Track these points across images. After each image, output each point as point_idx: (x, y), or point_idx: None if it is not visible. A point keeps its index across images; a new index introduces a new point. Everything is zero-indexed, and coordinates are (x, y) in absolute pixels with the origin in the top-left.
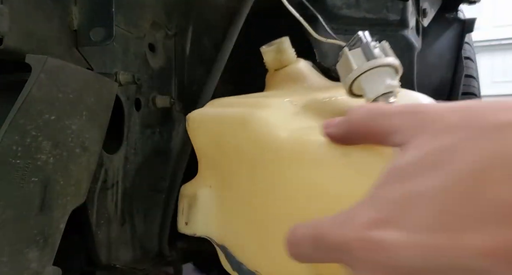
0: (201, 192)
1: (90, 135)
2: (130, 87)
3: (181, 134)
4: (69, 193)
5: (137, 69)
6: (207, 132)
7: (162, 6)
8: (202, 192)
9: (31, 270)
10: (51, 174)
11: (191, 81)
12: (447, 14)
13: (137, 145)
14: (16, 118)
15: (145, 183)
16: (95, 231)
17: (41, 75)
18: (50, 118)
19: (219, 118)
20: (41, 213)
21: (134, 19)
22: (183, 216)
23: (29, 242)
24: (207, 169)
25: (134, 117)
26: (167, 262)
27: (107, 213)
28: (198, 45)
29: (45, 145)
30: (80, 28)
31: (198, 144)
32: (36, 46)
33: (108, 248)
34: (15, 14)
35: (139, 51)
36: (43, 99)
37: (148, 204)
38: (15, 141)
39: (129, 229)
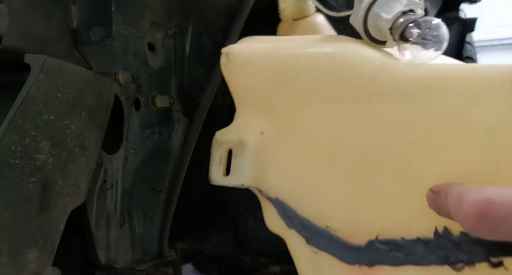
0: (250, 139)
1: (89, 135)
2: (130, 87)
3: (181, 134)
4: (68, 193)
5: (136, 69)
6: (265, 70)
7: (162, 5)
8: (251, 138)
9: (30, 271)
10: (50, 174)
11: (191, 81)
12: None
13: (137, 145)
14: (15, 118)
15: (145, 183)
16: (95, 231)
17: (40, 75)
18: (49, 118)
19: (292, 54)
20: (41, 214)
21: (134, 18)
22: (221, 166)
23: (28, 242)
24: (257, 113)
25: (133, 117)
26: (166, 262)
27: (107, 213)
28: (198, 44)
29: (44, 145)
30: (80, 28)
31: (244, 84)
32: (35, 45)
33: (107, 248)
34: (14, 13)
35: (138, 50)
36: (42, 98)
37: (148, 204)
38: (14, 141)
39: (128, 229)
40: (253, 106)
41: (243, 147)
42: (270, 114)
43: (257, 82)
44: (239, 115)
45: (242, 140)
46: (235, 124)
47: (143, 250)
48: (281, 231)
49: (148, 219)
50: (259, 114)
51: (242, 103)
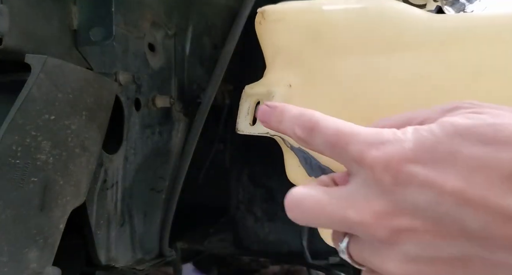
0: (278, 90)
1: (89, 135)
2: (130, 87)
3: (181, 134)
4: (68, 193)
5: (137, 69)
6: (298, 26)
7: (162, 6)
8: (279, 90)
9: (30, 270)
10: (51, 174)
11: (191, 81)
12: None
13: (137, 145)
14: (15, 118)
15: (145, 183)
16: (95, 231)
17: (41, 75)
18: (49, 118)
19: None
20: (41, 213)
21: (134, 19)
22: (248, 116)
23: (28, 242)
24: (287, 67)
25: (134, 117)
26: (167, 262)
27: (107, 213)
28: (198, 45)
29: (45, 145)
30: (80, 28)
31: (277, 41)
32: (35, 46)
33: (107, 248)
34: (15, 14)
35: (139, 51)
36: (43, 99)
37: (148, 204)
38: (14, 141)
39: (128, 229)
40: (283, 61)
41: (270, 98)
42: (300, 68)
43: (290, 38)
44: (269, 71)
45: (270, 91)
46: (264, 79)
47: (143, 250)
48: (300, 179)
49: (148, 219)
50: (289, 68)
51: (273, 59)
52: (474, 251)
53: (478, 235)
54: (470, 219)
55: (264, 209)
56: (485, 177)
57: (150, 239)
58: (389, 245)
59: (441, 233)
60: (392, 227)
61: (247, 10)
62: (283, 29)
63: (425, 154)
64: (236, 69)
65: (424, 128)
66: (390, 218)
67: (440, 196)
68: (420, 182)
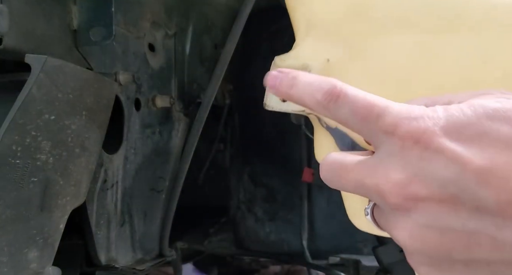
0: (314, 65)
1: (90, 135)
2: (130, 87)
3: (181, 134)
4: (68, 193)
5: (137, 69)
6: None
7: (162, 5)
8: (316, 64)
9: (31, 270)
10: (51, 174)
11: (191, 81)
12: None
13: (137, 145)
14: (15, 118)
15: (145, 183)
16: (95, 231)
17: (41, 75)
18: (49, 118)
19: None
20: (41, 213)
21: (134, 18)
22: None
23: (29, 242)
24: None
25: (134, 117)
26: (167, 262)
27: (107, 213)
28: (198, 45)
29: (45, 145)
30: (80, 28)
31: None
32: (35, 45)
33: (107, 248)
34: (15, 14)
35: (139, 51)
36: (43, 99)
37: (148, 204)
38: (14, 141)
39: (128, 229)
40: (320, 34)
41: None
42: (340, 43)
43: (330, 10)
44: (300, 43)
45: (306, 65)
46: (295, 52)
47: (143, 250)
48: None
49: (148, 219)
50: (327, 42)
51: (307, 31)
52: (484, 228)
53: (492, 213)
54: (487, 198)
55: (265, 209)
56: (509, 160)
57: (150, 239)
58: (402, 212)
59: (456, 207)
60: (407, 195)
61: (247, 9)
62: (325, 3)
63: (455, 132)
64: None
65: (454, 107)
66: (406, 186)
67: (464, 172)
68: (447, 156)
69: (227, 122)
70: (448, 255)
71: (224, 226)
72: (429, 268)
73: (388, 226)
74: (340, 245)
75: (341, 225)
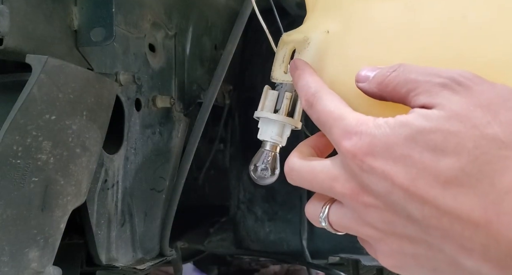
0: (315, 36)
1: (90, 135)
2: (130, 87)
3: (181, 134)
4: (69, 193)
5: (137, 69)
6: None
7: (162, 6)
8: (316, 36)
9: (31, 270)
10: (52, 174)
11: (191, 81)
12: None
13: (137, 145)
14: (16, 118)
15: (145, 183)
16: (95, 231)
17: (42, 75)
18: (50, 118)
19: None
20: (42, 213)
21: (134, 19)
22: (283, 64)
23: (29, 242)
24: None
25: (134, 117)
26: (167, 262)
27: (107, 213)
28: (199, 45)
29: (46, 145)
30: (81, 28)
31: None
32: (36, 46)
33: (108, 247)
34: (16, 14)
35: (139, 51)
36: (44, 99)
37: (149, 204)
38: (15, 141)
39: (129, 229)
40: (323, 7)
41: (307, 44)
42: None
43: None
44: (308, 19)
45: (307, 37)
46: (302, 26)
47: (143, 250)
48: None
49: (148, 218)
50: (328, 15)
51: (313, 6)
52: (419, 235)
53: (421, 223)
54: (414, 210)
55: (265, 209)
56: (427, 180)
57: (150, 239)
58: (359, 213)
59: (395, 215)
60: (362, 202)
61: (247, 10)
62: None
63: (385, 152)
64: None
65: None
66: (361, 195)
67: (392, 188)
68: (378, 173)
69: (227, 122)
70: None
71: (224, 226)
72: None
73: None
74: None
75: None
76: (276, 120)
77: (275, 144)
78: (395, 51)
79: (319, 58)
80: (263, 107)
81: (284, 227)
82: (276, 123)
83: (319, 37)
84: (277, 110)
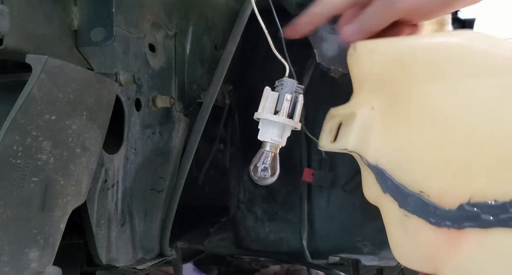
0: (360, 112)
1: (90, 135)
2: (130, 87)
3: (181, 134)
4: (69, 193)
5: (137, 69)
6: (386, 57)
7: (162, 6)
8: (362, 112)
9: (31, 270)
10: (52, 174)
11: (191, 81)
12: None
13: (137, 145)
14: (16, 118)
15: (146, 183)
16: (95, 231)
17: (42, 75)
18: (50, 118)
19: (412, 43)
20: (42, 213)
21: (134, 19)
22: (330, 135)
23: (29, 242)
24: (372, 92)
25: (134, 117)
26: (167, 262)
27: (108, 213)
28: (198, 45)
29: (46, 145)
30: (81, 28)
31: (365, 69)
32: (36, 46)
33: (108, 247)
34: (16, 14)
35: (139, 51)
36: (44, 99)
37: (149, 204)
38: (15, 141)
39: (129, 229)
40: (369, 87)
41: (352, 118)
42: (384, 93)
43: (377, 67)
44: (355, 96)
45: (353, 113)
46: (349, 103)
47: (143, 250)
48: (376, 196)
49: (148, 218)
50: (374, 93)
51: (361, 85)
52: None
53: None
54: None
55: (265, 209)
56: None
57: (150, 239)
58: None
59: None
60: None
61: (248, 10)
62: (372, 58)
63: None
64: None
65: None
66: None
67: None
68: None
69: (227, 122)
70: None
71: (224, 226)
72: None
73: None
74: (339, 245)
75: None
76: (276, 121)
77: (275, 145)
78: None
79: (364, 131)
80: (263, 109)
81: (284, 227)
82: (276, 125)
83: (364, 112)
84: (277, 111)
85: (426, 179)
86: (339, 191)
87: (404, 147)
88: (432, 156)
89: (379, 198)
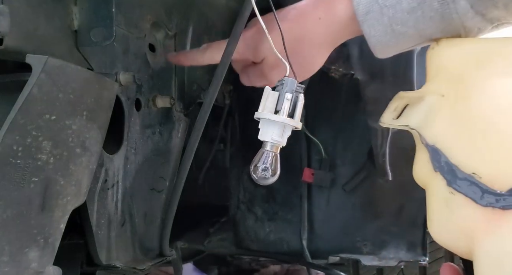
0: (430, 97)
1: (90, 135)
2: (130, 87)
3: (181, 134)
4: (69, 193)
5: (137, 69)
6: (465, 52)
7: (162, 6)
8: (431, 97)
9: (31, 270)
10: (52, 174)
11: (191, 81)
12: None
13: (137, 145)
14: (16, 118)
15: (145, 183)
16: (96, 231)
17: (42, 75)
18: (50, 118)
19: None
20: (42, 213)
21: (135, 19)
22: (394, 112)
23: (29, 242)
24: (444, 82)
25: (134, 117)
26: (167, 262)
27: (108, 213)
28: (198, 45)
29: (46, 145)
30: (81, 28)
31: (443, 61)
32: (36, 46)
33: (108, 247)
34: (16, 14)
35: (139, 51)
36: (44, 99)
37: (149, 204)
38: (15, 141)
39: (129, 229)
40: (444, 77)
41: (420, 100)
42: (457, 83)
43: (456, 61)
44: (427, 84)
45: (423, 97)
46: (421, 89)
47: (143, 250)
48: (426, 173)
49: (148, 218)
50: (447, 83)
51: (435, 75)
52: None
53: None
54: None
55: (265, 209)
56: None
57: (150, 239)
58: None
59: None
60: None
61: (248, 10)
62: (453, 52)
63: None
64: None
65: None
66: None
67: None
68: None
69: (227, 122)
70: None
71: (224, 226)
72: None
73: None
74: (339, 245)
75: (341, 224)
76: (277, 121)
77: (276, 145)
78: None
79: (430, 113)
80: (264, 108)
81: (284, 227)
82: (277, 124)
83: (433, 98)
84: (278, 111)
85: (482, 164)
86: (339, 191)
87: (466, 133)
88: (492, 145)
89: (428, 176)
